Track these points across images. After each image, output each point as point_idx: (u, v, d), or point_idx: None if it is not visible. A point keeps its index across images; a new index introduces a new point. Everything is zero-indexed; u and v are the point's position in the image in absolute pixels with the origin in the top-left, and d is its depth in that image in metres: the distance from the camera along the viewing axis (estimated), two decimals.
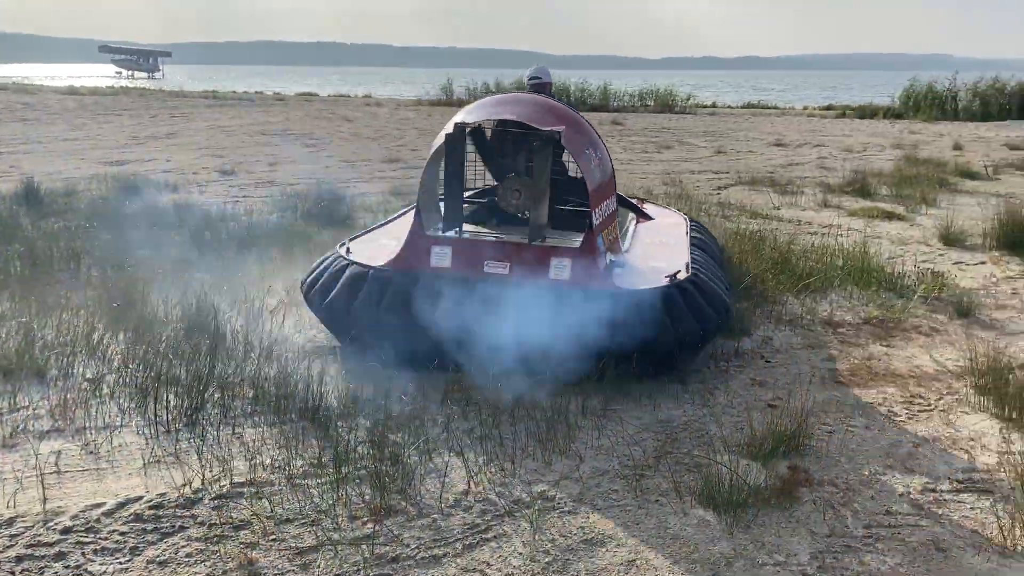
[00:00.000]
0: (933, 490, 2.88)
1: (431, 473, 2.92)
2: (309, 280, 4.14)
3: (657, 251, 4.44)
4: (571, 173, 4.73)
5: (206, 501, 2.71)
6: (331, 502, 2.71)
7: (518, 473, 2.94)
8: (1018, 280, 5.66)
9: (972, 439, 3.27)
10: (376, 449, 3.04)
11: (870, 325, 4.67)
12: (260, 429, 3.24)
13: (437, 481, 2.86)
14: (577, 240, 3.94)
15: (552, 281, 3.70)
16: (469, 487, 2.84)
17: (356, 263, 3.95)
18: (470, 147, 4.60)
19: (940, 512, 2.74)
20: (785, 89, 39.92)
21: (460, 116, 4.15)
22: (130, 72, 70.49)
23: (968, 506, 2.78)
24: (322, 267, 4.14)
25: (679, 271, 3.83)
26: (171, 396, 3.40)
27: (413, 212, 4.07)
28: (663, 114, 24.48)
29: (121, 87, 36.67)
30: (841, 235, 6.92)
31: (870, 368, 4.04)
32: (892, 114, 23.69)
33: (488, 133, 4.80)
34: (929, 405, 3.61)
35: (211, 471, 2.89)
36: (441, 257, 3.85)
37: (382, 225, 4.95)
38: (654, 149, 14.33)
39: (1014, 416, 3.39)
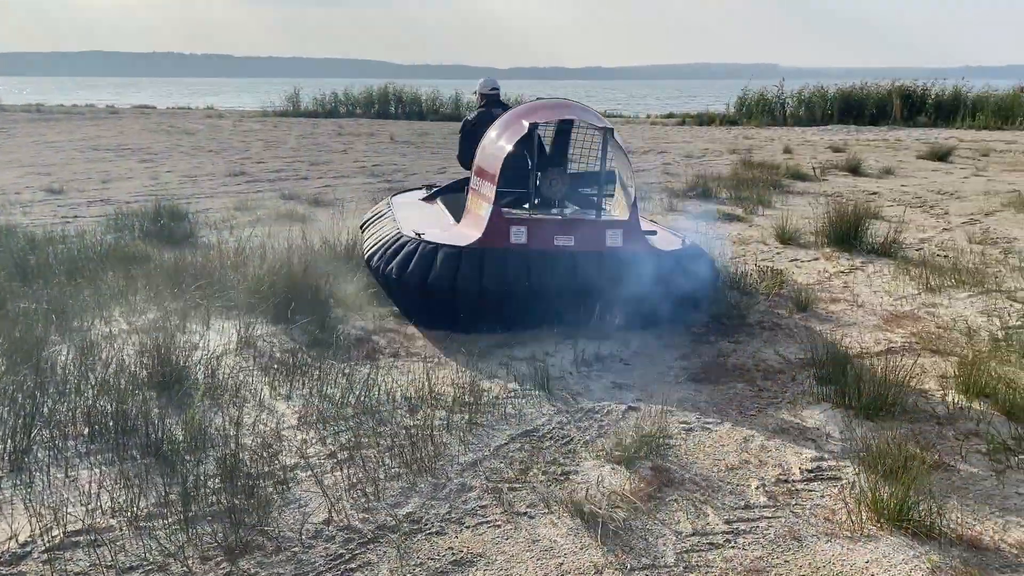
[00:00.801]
0: (786, 481, 3.00)
1: (290, 504, 2.77)
2: (382, 263, 4.71)
3: (648, 226, 5.11)
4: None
5: (35, 555, 2.45)
6: (180, 544, 2.51)
7: (382, 496, 2.84)
8: (848, 274, 6.04)
9: (818, 428, 3.44)
10: (228, 483, 2.86)
11: (718, 323, 4.85)
12: (98, 470, 2.98)
13: (297, 512, 2.72)
14: (613, 216, 4.95)
15: (609, 248, 4.58)
16: (331, 516, 2.71)
17: (446, 244, 4.56)
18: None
19: (794, 502, 2.85)
20: (632, 98, 41.40)
21: (525, 118, 4.85)
22: None
23: (818, 494, 2.91)
24: (402, 253, 4.63)
25: (684, 240, 4.99)
26: None
27: (487, 205, 4.63)
28: None
29: None
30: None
31: (720, 364, 4.19)
32: (727, 120, 24.95)
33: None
34: (776, 398, 3.77)
35: (41, 520, 2.63)
36: (519, 235, 4.56)
37: (380, 217, 5.65)
38: None
39: (854, 404, 3.59)
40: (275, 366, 4.04)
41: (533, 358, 4.20)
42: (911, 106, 23.57)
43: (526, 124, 4.74)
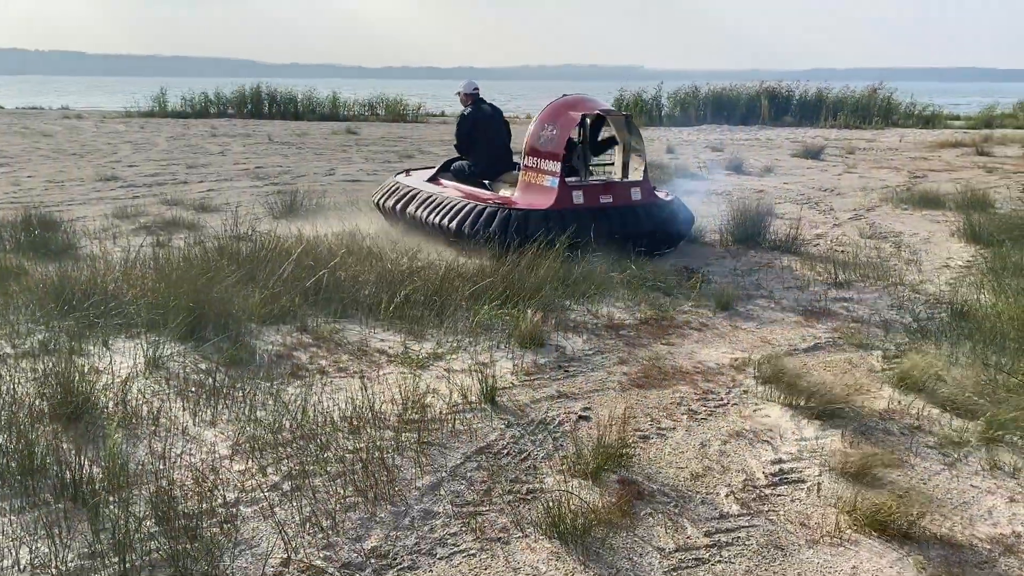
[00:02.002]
0: (753, 486, 2.96)
1: (240, 546, 2.51)
2: (480, 226, 6.13)
3: None
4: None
5: None
6: None
7: (341, 530, 2.61)
8: (756, 271, 6.16)
9: (770, 430, 3.43)
10: (165, 525, 2.56)
11: (647, 325, 4.82)
12: (6, 519, 2.61)
13: (249, 555, 2.45)
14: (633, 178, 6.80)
15: (633, 201, 6.45)
16: (289, 556, 2.47)
17: (534, 209, 6.13)
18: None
19: (767, 509, 2.81)
20: (509, 99, 41.59)
21: (572, 111, 6.56)
22: None
23: (788, 499, 2.88)
24: (498, 217, 6.13)
25: (670, 195, 6.84)
26: None
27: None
28: (396, 123, 24.41)
29: None
30: None
31: (659, 368, 4.15)
32: None
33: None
34: (723, 401, 3.75)
35: None
36: (578, 198, 6.28)
37: (422, 194, 7.01)
38: (396, 159, 14.14)
39: (799, 404, 3.61)
40: (192, 389, 3.71)
41: (471, 370, 4.03)
42: (778, 106, 24.70)
43: (576, 116, 6.55)
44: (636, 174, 6.76)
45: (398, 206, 7.12)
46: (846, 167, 13.31)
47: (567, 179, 6.42)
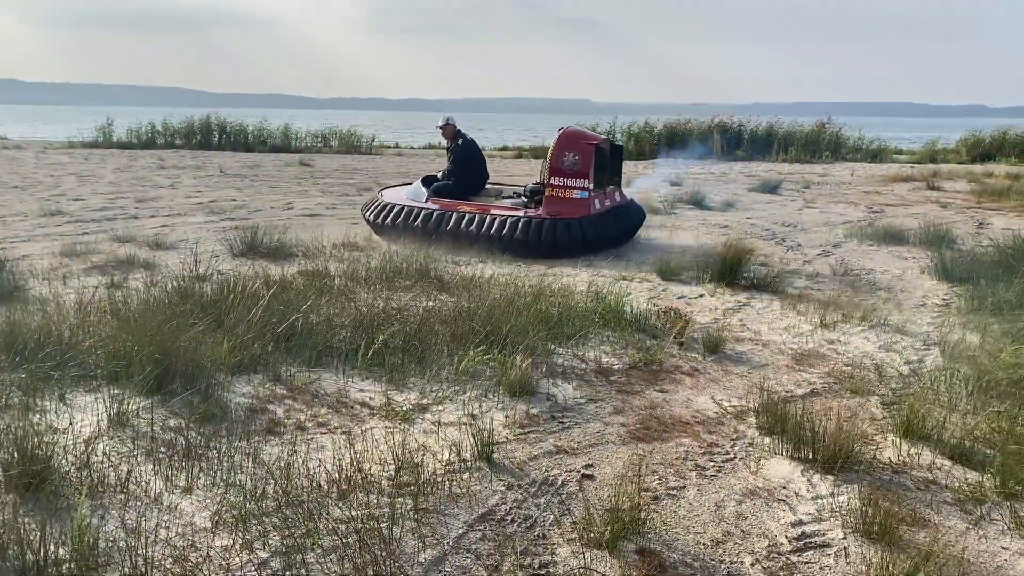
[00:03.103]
0: (778, 553, 2.79)
1: None
2: (531, 235, 7.96)
3: None
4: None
5: None
6: None
7: None
8: (739, 311, 6.06)
9: (783, 487, 3.27)
10: None
11: (637, 369, 4.66)
12: None
13: None
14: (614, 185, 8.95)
15: (619, 203, 8.70)
16: None
17: (567, 217, 8.00)
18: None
19: None
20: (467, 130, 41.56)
21: (586, 142, 8.16)
22: None
23: (817, 566, 2.72)
24: (533, 225, 8.01)
25: (630, 198, 9.14)
26: None
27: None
28: (350, 155, 24.12)
29: None
30: (568, 276, 7.05)
31: (657, 418, 3.97)
32: None
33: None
34: (729, 454, 3.59)
35: None
36: (594, 206, 8.16)
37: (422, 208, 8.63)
38: (354, 191, 13.88)
39: (808, 456, 3.46)
40: (162, 450, 3.41)
41: (461, 423, 3.80)
42: (729, 140, 25.05)
43: (590, 144, 8.13)
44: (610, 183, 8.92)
45: (428, 225, 8.36)
46: (804, 201, 13.44)
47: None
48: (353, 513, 2.91)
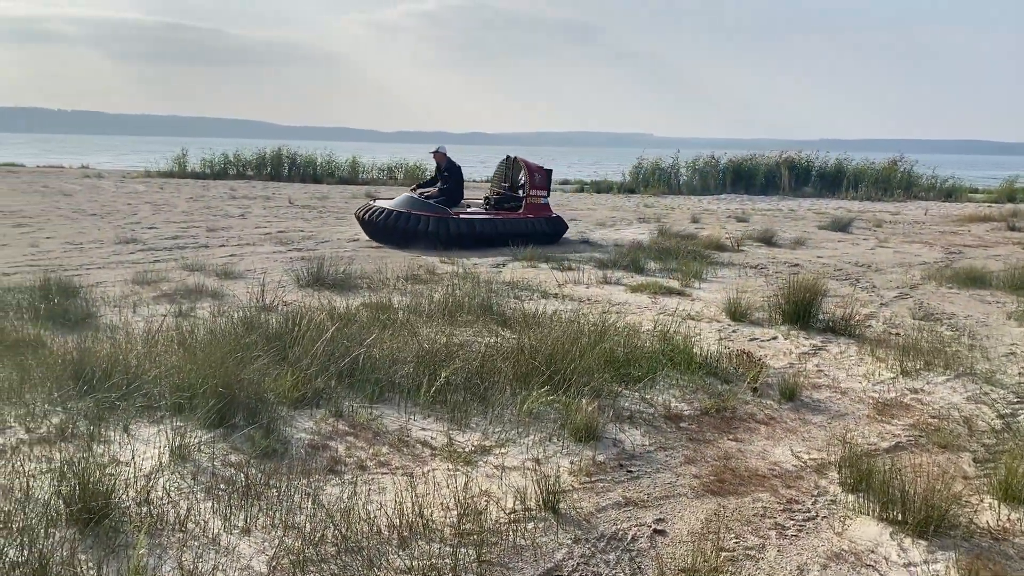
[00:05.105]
0: None
1: None
2: (521, 228, 11.58)
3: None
4: None
5: None
6: None
7: None
8: (814, 356, 5.81)
9: (872, 551, 3.05)
10: None
11: (709, 416, 4.47)
12: None
13: None
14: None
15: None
16: None
17: (545, 216, 12.07)
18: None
19: None
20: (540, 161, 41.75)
21: (543, 166, 12.31)
22: None
23: None
24: (520, 223, 11.71)
25: (555, 214, 12.38)
26: None
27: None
28: None
29: None
30: (633, 313, 6.88)
31: (732, 469, 3.77)
32: (625, 188, 25.34)
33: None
34: (810, 512, 3.37)
35: None
36: (551, 209, 12.61)
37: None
38: None
39: (899, 517, 3.23)
40: (221, 486, 3.36)
41: (524, 468, 3.67)
42: (797, 177, 24.60)
43: (546, 168, 12.19)
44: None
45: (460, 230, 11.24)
46: (877, 241, 13.04)
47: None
48: (414, 563, 2.80)
